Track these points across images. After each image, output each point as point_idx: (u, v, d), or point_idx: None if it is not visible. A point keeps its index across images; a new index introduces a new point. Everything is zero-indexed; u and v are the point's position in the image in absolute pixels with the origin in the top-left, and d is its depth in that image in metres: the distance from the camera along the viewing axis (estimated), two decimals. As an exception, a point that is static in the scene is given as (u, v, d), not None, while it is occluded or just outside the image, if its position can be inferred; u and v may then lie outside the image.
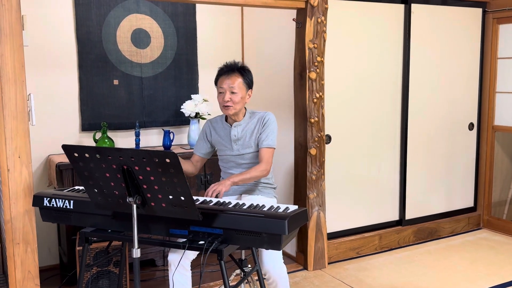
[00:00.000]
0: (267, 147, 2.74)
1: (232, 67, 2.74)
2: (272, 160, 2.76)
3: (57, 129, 3.67)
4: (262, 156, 2.73)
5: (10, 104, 2.54)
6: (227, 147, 2.82)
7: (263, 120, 2.78)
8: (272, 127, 2.77)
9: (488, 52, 4.48)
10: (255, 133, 2.78)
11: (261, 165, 2.70)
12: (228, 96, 2.70)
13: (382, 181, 4.12)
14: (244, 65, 2.81)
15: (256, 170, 2.68)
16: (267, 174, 2.73)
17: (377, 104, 4.01)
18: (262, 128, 2.76)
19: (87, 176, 2.11)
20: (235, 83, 2.70)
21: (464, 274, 3.64)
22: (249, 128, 2.79)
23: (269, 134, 2.75)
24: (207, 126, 2.91)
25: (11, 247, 2.62)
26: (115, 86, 3.82)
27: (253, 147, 2.78)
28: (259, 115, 2.81)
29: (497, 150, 4.59)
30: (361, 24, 3.85)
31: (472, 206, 4.67)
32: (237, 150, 2.80)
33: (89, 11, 3.67)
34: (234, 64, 2.76)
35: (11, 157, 2.57)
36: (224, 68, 2.76)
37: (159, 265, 3.71)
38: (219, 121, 2.89)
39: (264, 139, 2.74)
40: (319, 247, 3.72)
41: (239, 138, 2.79)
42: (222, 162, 2.90)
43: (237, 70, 2.74)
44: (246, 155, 2.80)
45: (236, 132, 2.79)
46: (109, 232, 2.39)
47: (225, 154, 2.84)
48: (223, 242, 2.15)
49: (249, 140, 2.78)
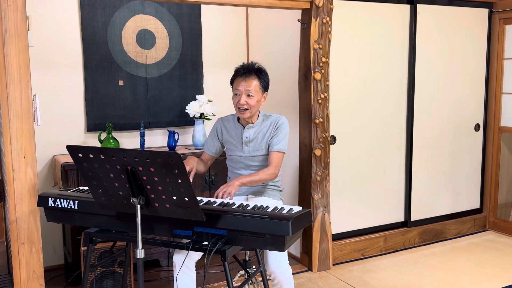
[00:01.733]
0: (278, 151, 2.73)
1: (249, 68, 2.71)
2: (281, 164, 2.75)
3: (62, 129, 3.68)
4: (272, 160, 2.72)
5: (15, 104, 2.55)
6: (237, 148, 2.81)
7: (276, 124, 2.76)
8: (285, 132, 2.76)
9: (494, 52, 4.45)
10: (267, 136, 2.76)
11: (270, 169, 2.69)
12: (244, 99, 2.67)
13: (387, 182, 4.10)
14: (261, 66, 2.76)
15: (265, 173, 2.67)
16: (275, 178, 2.72)
17: (382, 105, 3.99)
18: (275, 132, 2.75)
19: (91, 177, 2.11)
20: (251, 86, 2.67)
21: (470, 276, 3.62)
22: (262, 131, 2.77)
23: (280, 139, 2.74)
24: (219, 124, 2.89)
25: (16, 247, 2.63)
26: (120, 86, 3.82)
27: (264, 150, 2.77)
28: (272, 118, 2.79)
29: (503, 152, 4.56)
30: (366, 25, 3.84)
31: (478, 208, 4.65)
32: (248, 152, 2.78)
33: (94, 12, 3.68)
34: (251, 65, 2.73)
35: (16, 158, 2.57)
36: (241, 69, 2.72)
37: (163, 266, 3.72)
38: (231, 120, 2.86)
39: (276, 143, 2.73)
40: (324, 248, 3.71)
41: (251, 140, 2.77)
42: (230, 161, 2.88)
43: (254, 72, 2.70)
44: (256, 157, 2.78)
45: (249, 134, 2.77)
46: (113, 232, 2.39)
47: (235, 155, 2.82)
48: (227, 243, 2.15)
49: (260, 143, 2.77)
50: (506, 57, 4.40)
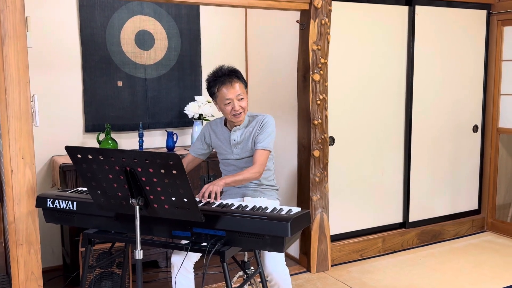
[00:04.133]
0: (262, 149, 2.67)
1: (227, 74, 2.65)
2: (266, 163, 2.68)
3: (60, 130, 3.67)
4: (256, 158, 2.66)
5: (14, 105, 2.55)
6: (227, 151, 2.79)
7: (261, 122, 2.72)
8: (269, 130, 2.71)
9: (492, 54, 4.46)
10: (252, 135, 2.73)
11: (254, 167, 2.63)
12: (238, 105, 2.64)
13: (385, 183, 4.10)
14: (232, 66, 2.71)
15: (249, 172, 2.61)
16: (259, 176, 2.65)
17: (380, 106, 4.00)
18: (260, 130, 2.71)
19: (90, 178, 2.11)
20: (239, 89, 2.65)
21: (468, 277, 3.62)
22: (248, 131, 2.74)
23: (265, 136, 2.68)
24: (207, 129, 2.87)
25: (15, 248, 2.63)
26: (119, 87, 3.82)
27: (253, 151, 2.73)
28: (258, 118, 2.76)
29: (501, 153, 4.57)
30: (365, 26, 3.84)
31: (476, 209, 4.65)
32: (238, 154, 2.76)
33: (93, 13, 3.67)
34: (226, 70, 2.67)
35: (15, 158, 2.57)
36: (221, 78, 2.64)
37: (162, 267, 3.71)
38: (219, 124, 2.84)
39: (260, 141, 2.68)
40: (322, 249, 3.71)
41: (239, 143, 2.75)
42: (223, 165, 2.87)
43: (233, 75, 2.66)
44: (246, 159, 2.75)
45: (236, 136, 2.75)
46: (112, 233, 2.39)
47: (226, 158, 2.81)
48: (225, 244, 2.15)
49: (248, 143, 2.74)
50: (504, 58, 4.41)
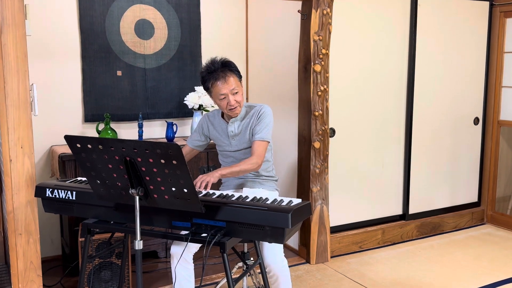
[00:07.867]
0: (260, 140, 2.64)
1: (221, 68, 2.60)
2: (264, 154, 2.65)
3: (60, 119, 3.66)
4: (254, 149, 2.63)
5: (13, 94, 2.52)
6: (225, 143, 2.77)
7: (258, 113, 2.69)
8: (267, 120, 2.67)
9: (494, 46, 4.44)
10: (250, 126, 2.70)
11: (252, 158, 2.59)
12: (233, 99, 2.61)
13: (386, 175, 4.10)
14: (225, 58, 2.65)
15: (246, 163, 2.57)
16: (258, 168, 2.62)
17: (382, 98, 3.98)
18: (257, 121, 2.67)
19: (89, 167, 2.10)
20: (233, 83, 2.60)
21: (468, 269, 3.63)
22: (245, 123, 2.71)
23: (263, 127, 2.65)
24: (205, 120, 2.84)
25: (13, 237, 2.62)
26: (118, 77, 3.80)
27: (250, 142, 2.70)
28: (255, 108, 2.72)
29: (502, 145, 4.56)
30: (367, 17, 3.82)
31: (476, 201, 4.65)
32: (236, 145, 2.74)
33: (92, 1, 3.64)
34: (219, 63, 2.61)
35: (14, 148, 2.55)
36: (214, 73, 2.59)
37: (161, 257, 3.71)
38: (216, 116, 2.81)
39: (258, 132, 2.65)
40: (322, 241, 3.71)
41: (237, 134, 2.72)
42: (222, 157, 2.85)
43: (227, 69, 2.60)
44: (244, 150, 2.73)
45: (233, 128, 2.73)
46: (111, 223, 2.38)
47: (224, 150, 2.79)
48: (225, 234, 2.14)
49: (246, 135, 2.71)
50: (507, 50, 4.39)
